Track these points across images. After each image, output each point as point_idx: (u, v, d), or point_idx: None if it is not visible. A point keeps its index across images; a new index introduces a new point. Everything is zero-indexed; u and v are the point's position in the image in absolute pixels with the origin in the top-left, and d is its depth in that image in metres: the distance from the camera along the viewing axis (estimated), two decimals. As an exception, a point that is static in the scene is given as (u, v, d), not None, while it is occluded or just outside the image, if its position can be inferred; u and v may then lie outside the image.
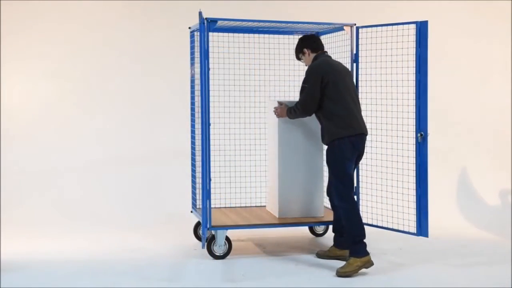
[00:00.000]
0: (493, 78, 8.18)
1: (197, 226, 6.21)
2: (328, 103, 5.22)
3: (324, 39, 6.33)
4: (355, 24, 5.84)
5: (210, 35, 5.56)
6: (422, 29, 5.38)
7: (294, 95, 6.39)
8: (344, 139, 5.19)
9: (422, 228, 5.49)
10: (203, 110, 5.42)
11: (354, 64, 5.85)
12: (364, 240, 5.21)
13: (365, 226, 5.79)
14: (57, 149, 7.56)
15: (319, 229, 6.42)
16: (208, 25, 5.41)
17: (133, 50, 7.73)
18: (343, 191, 5.23)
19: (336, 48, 6.08)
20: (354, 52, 5.85)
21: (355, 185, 5.87)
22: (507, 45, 8.14)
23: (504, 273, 5.23)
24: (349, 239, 5.24)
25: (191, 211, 6.37)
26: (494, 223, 7.01)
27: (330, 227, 6.05)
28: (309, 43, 5.51)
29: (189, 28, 6.13)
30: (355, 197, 5.88)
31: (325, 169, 5.63)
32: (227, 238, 5.60)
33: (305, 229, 6.45)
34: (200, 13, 5.36)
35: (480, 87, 8.16)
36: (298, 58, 5.62)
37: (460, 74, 8.11)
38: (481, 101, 8.13)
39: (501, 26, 8.14)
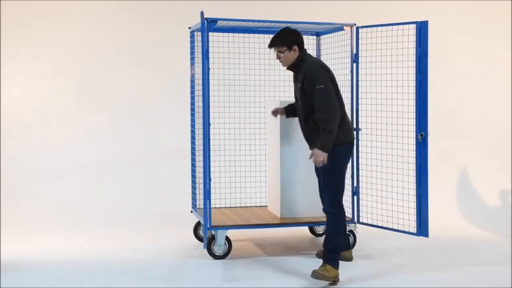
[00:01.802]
0: (493, 78, 8.18)
1: (197, 226, 6.21)
2: None
3: (324, 39, 6.35)
4: (355, 24, 5.83)
5: (210, 35, 5.55)
6: (422, 29, 5.37)
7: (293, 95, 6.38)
8: (344, 145, 4.99)
9: (422, 228, 5.49)
10: (203, 110, 5.42)
11: (354, 64, 5.84)
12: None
13: (365, 226, 5.82)
14: (57, 149, 7.56)
15: (319, 229, 6.42)
16: (208, 25, 5.40)
17: (133, 50, 7.73)
18: (337, 197, 5.03)
19: (336, 48, 6.08)
20: (354, 52, 5.84)
21: (355, 185, 5.88)
22: (507, 46, 8.14)
23: (504, 273, 5.23)
24: (329, 245, 4.95)
25: (191, 211, 6.37)
26: (494, 223, 7.00)
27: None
28: (300, 39, 5.09)
29: (189, 28, 6.14)
30: (355, 197, 5.89)
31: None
32: (227, 238, 5.59)
33: (305, 229, 6.44)
34: (202, 13, 5.35)
35: (480, 87, 8.16)
36: (278, 50, 5.06)
37: (461, 74, 8.11)
38: (481, 101, 8.13)
39: (501, 26, 8.13)
